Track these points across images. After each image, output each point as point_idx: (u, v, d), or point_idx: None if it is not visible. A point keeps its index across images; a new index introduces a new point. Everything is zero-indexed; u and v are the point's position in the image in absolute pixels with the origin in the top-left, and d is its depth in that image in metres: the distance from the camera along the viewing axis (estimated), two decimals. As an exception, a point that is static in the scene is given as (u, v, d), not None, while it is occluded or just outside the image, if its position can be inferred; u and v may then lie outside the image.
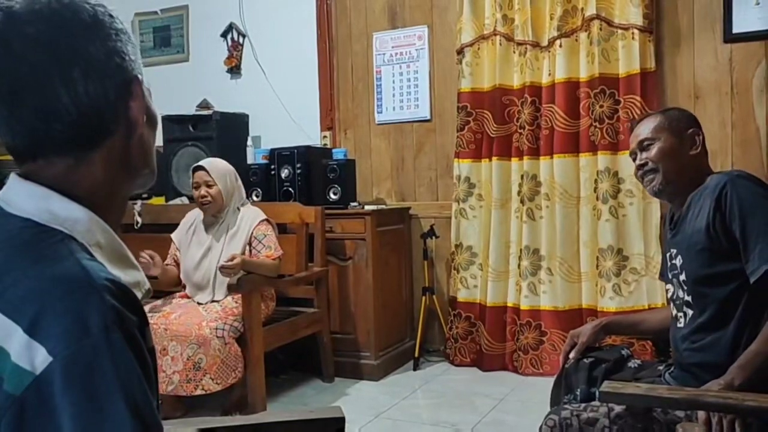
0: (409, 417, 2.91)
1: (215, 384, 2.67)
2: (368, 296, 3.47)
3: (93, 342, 0.64)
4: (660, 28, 3.29)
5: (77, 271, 0.68)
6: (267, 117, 4.17)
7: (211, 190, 2.96)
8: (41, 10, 0.72)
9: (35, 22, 0.72)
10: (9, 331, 0.64)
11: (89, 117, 0.75)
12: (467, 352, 3.60)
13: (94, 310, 0.65)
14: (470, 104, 3.56)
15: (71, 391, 0.63)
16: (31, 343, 0.63)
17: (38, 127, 0.73)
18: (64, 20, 0.73)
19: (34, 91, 0.72)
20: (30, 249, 0.70)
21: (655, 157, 1.71)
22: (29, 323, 0.64)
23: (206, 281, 2.98)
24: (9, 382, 0.63)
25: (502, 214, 3.52)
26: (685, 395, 1.37)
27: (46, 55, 0.72)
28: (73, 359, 0.63)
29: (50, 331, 0.64)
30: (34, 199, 0.74)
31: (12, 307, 0.65)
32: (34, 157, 0.75)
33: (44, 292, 0.66)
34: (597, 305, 3.29)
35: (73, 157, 0.75)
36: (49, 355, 0.63)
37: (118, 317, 0.67)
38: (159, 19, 4.63)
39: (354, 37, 4.04)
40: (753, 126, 3.15)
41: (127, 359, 0.66)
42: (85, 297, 0.66)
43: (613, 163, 3.26)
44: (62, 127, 0.73)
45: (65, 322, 0.64)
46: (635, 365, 1.82)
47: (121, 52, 0.77)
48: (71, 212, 0.75)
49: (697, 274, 1.63)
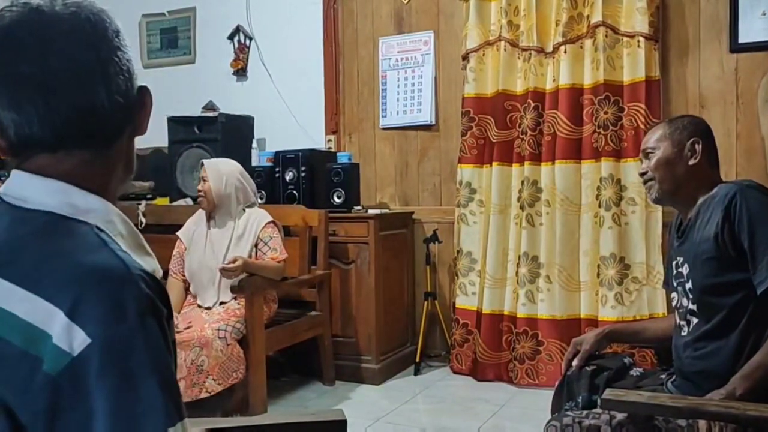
0: (409, 422, 2.91)
1: (217, 384, 2.67)
2: (370, 300, 3.47)
3: (130, 326, 0.69)
4: (666, 37, 3.30)
5: (114, 260, 0.73)
6: (272, 120, 4.18)
7: (204, 185, 3.02)
8: (79, 13, 0.78)
9: (74, 21, 0.77)
10: (51, 315, 0.68)
11: (117, 114, 0.81)
12: (464, 360, 3.55)
13: (130, 297, 0.70)
14: (473, 110, 3.56)
15: (108, 372, 0.67)
16: (70, 326, 0.67)
17: (72, 119, 0.77)
18: (99, 25, 0.80)
19: (75, 84, 0.76)
20: (64, 239, 0.74)
21: (653, 166, 1.74)
22: (70, 307, 0.68)
23: (211, 282, 2.99)
24: (48, 363, 0.67)
25: (501, 220, 3.50)
26: (687, 404, 1.37)
27: (88, 52, 0.77)
28: (111, 342, 0.68)
29: (89, 315, 0.68)
30: (54, 193, 0.77)
31: (53, 293, 0.69)
32: (54, 149, 0.78)
33: (84, 279, 0.70)
34: (597, 315, 3.25)
35: (90, 152, 0.80)
36: (87, 338, 0.67)
37: (152, 305, 0.72)
38: (166, 21, 4.65)
39: (360, 41, 4.06)
40: (758, 136, 3.15)
41: (160, 344, 0.71)
42: (122, 285, 0.71)
43: (616, 171, 3.25)
44: (95, 120, 0.79)
45: (104, 308, 0.69)
46: (637, 373, 1.82)
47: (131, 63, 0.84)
48: (92, 204, 0.79)
49: (703, 283, 1.63)
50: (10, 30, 0.76)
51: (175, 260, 3.09)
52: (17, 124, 0.76)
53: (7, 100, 0.76)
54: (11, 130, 0.77)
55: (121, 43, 0.81)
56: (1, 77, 0.76)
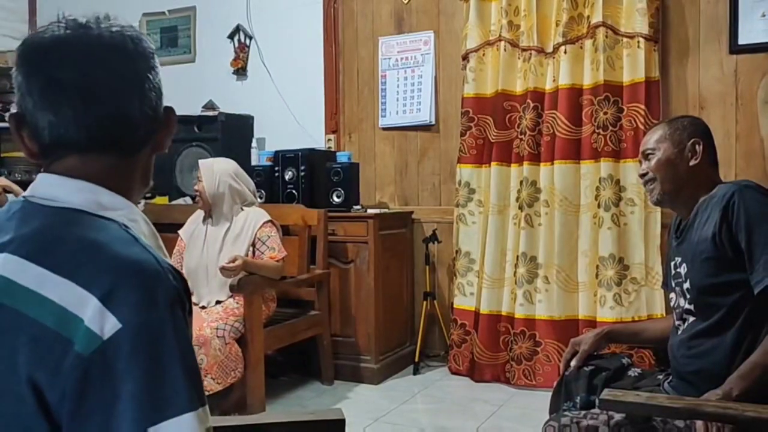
0: (408, 422, 2.91)
1: (216, 384, 2.67)
2: (369, 300, 3.47)
3: (160, 314, 0.74)
4: (666, 38, 3.30)
5: (146, 255, 0.78)
6: (272, 119, 4.18)
7: (198, 185, 3.07)
8: (122, 32, 0.86)
9: (118, 39, 0.85)
10: (84, 301, 0.72)
11: (146, 126, 0.87)
12: (461, 360, 3.55)
13: (162, 288, 0.75)
14: (472, 110, 3.56)
15: (137, 356, 0.71)
16: (103, 311, 0.72)
17: (106, 124, 0.83)
18: (139, 45, 0.87)
19: (113, 93, 0.84)
20: (96, 232, 0.79)
21: (654, 167, 1.74)
22: (103, 294, 0.72)
23: (208, 280, 2.99)
24: (79, 344, 0.71)
25: (500, 220, 3.49)
26: (685, 405, 1.37)
27: (128, 66, 0.85)
28: (142, 328, 0.72)
29: (122, 302, 0.72)
30: (83, 192, 0.82)
31: (88, 280, 0.73)
32: (84, 152, 0.83)
33: (119, 269, 0.74)
34: (596, 315, 3.24)
35: (115, 157, 0.86)
36: (118, 323, 0.71)
37: (180, 297, 0.77)
38: (166, 20, 4.65)
39: (360, 41, 4.06)
40: (757, 138, 3.15)
41: (186, 334, 0.76)
42: (154, 276, 0.76)
43: (615, 171, 3.25)
44: (126, 128, 0.85)
45: (136, 296, 0.73)
46: (635, 374, 1.82)
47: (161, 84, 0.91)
48: (118, 203, 0.84)
49: (701, 283, 1.63)
50: (58, 40, 0.83)
51: (175, 258, 3.10)
52: (53, 125, 0.82)
53: (47, 102, 0.81)
54: (46, 131, 0.82)
55: (155, 64, 0.89)
56: (45, 80, 0.81)
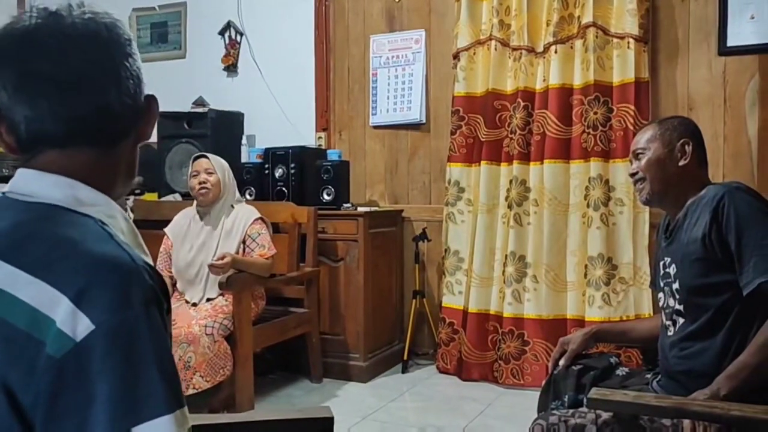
0: (396, 420, 2.92)
1: (204, 381, 2.66)
2: (359, 298, 3.47)
3: (135, 314, 0.71)
4: (655, 39, 3.31)
5: (121, 252, 0.75)
6: (262, 116, 4.17)
7: (210, 177, 3.00)
8: (95, 19, 0.84)
9: (91, 26, 0.83)
10: (56, 301, 0.70)
11: (125, 116, 0.85)
12: (449, 359, 3.55)
13: (136, 287, 0.73)
14: (463, 108, 3.57)
15: (111, 357, 0.69)
16: (75, 312, 0.69)
17: (84, 116, 0.81)
18: (113, 31, 0.85)
19: (89, 83, 0.81)
20: (70, 228, 0.76)
21: (644, 166, 1.75)
22: (76, 294, 0.70)
23: (199, 278, 2.98)
24: (51, 346, 0.68)
25: (489, 219, 3.50)
26: (672, 404, 1.38)
27: (102, 54, 0.82)
28: (116, 328, 0.70)
29: (95, 302, 0.70)
30: (60, 187, 0.80)
31: (60, 279, 0.71)
32: (63, 145, 0.81)
33: (92, 268, 0.72)
34: (584, 315, 3.25)
35: (96, 150, 0.83)
36: (91, 324, 0.69)
37: (156, 296, 0.75)
38: (156, 15, 4.62)
39: (351, 39, 4.05)
40: (744, 139, 3.17)
41: (162, 334, 0.74)
42: (129, 275, 0.73)
43: (604, 171, 3.26)
44: (105, 119, 0.83)
45: (111, 296, 0.71)
46: (623, 373, 1.84)
47: (141, 71, 0.88)
48: (96, 199, 0.82)
49: (690, 284, 1.64)
50: (29, 31, 0.80)
51: (162, 256, 3.08)
52: (29, 119, 0.79)
53: (22, 96, 0.79)
54: (23, 126, 0.80)
55: (132, 50, 0.86)
56: (19, 73, 0.79)
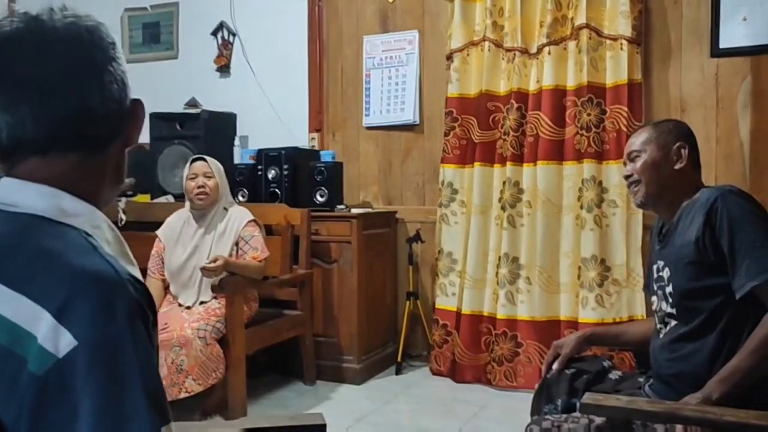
0: (390, 422, 2.91)
1: (197, 385, 2.65)
2: (352, 300, 3.46)
3: (119, 328, 0.70)
4: (648, 41, 3.32)
5: (104, 264, 0.74)
6: (255, 117, 4.15)
7: (209, 182, 2.99)
8: (77, 23, 0.82)
9: (73, 30, 0.81)
10: (37, 316, 0.68)
11: (110, 120, 0.83)
12: (443, 361, 3.54)
13: (120, 300, 0.71)
14: (456, 110, 3.56)
15: (95, 373, 0.67)
16: (57, 327, 0.68)
17: (66, 120, 0.79)
18: (95, 35, 0.83)
19: (70, 86, 0.79)
20: (53, 240, 0.74)
21: (639, 169, 1.75)
22: (58, 308, 0.68)
23: (192, 281, 2.96)
24: (33, 363, 0.67)
25: (482, 221, 3.49)
26: (664, 409, 1.38)
27: (84, 58, 0.81)
28: (99, 343, 0.68)
29: (78, 316, 0.68)
30: (44, 197, 0.78)
31: (41, 294, 0.70)
32: (45, 152, 0.79)
33: (74, 281, 0.70)
34: (577, 316, 3.25)
35: (80, 156, 0.81)
36: (74, 340, 0.67)
37: (140, 309, 0.73)
38: (148, 15, 4.60)
39: (345, 39, 4.04)
40: (737, 140, 3.18)
41: (147, 347, 0.73)
42: (112, 288, 0.72)
43: (598, 172, 3.27)
44: (88, 123, 0.81)
45: (93, 310, 0.69)
46: (616, 377, 1.83)
47: (126, 75, 0.86)
48: (80, 209, 0.80)
49: (684, 287, 1.64)
50: (9, 36, 0.79)
51: (154, 259, 3.06)
52: (10, 125, 0.78)
53: (2, 102, 0.78)
54: (4, 132, 0.78)
55: (116, 54, 0.84)
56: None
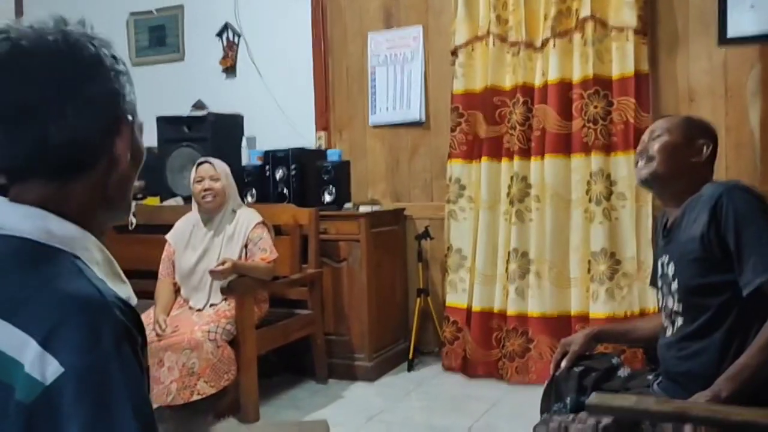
0: (402, 420, 2.92)
1: (209, 387, 2.66)
2: (362, 298, 3.46)
3: (105, 353, 0.69)
4: (655, 31, 3.28)
5: (90, 289, 0.73)
6: (262, 118, 4.15)
7: (215, 184, 2.99)
8: (48, 46, 0.78)
9: (41, 56, 0.77)
10: (24, 344, 0.68)
11: (72, 149, 0.79)
12: (454, 357, 3.53)
13: (106, 324, 0.71)
14: (462, 105, 3.54)
15: (83, 399, 0.67)
16: (44, 355, 0.67)
17: (32, 151, 0.77)
18: (67, 58, 0.78)
19: (32, 117, 0.76)
20: (39, 266, 0.74)
21: (657, 147, 1.72)
22: (44, 336, 0.68)
23: (203, 284, 2.98)
24: (20, 392, 0.67)
25: (491, 216, 3.47)
26: (673, 408, 1.37)
27: (47, 87, 0.77)
28: (86, 369, 0.68)
29: (64, 344, 0.68)
30: (30, 219, 0.77)
31: (27, 321, 0.69)
32: (24, 179, 0.79)
33: (60, 308, 0.70)
34: (588, 311, 3.23)
35: (61, 179, 0.80)
36: (60, 367, 0.67)
37: (127, 332, 0.73)
38: (154, 19, 4.61)
39: (349, 37, 4.03)
40: (747, 129, 3.14)
41: (135, 371, 0.72)
42: (99, 313, 0.71)
43: (606, 165, 3.24)
44: (49, 153, 0.78)
45: (80, 336, 0.69)
46: (625, 374, 1.82)
47: (116, 92, 0.82)
48: (68, 231, 0.79)
49: (689, 284, 1.62)
50: None
51: (165, 264, 3.08)
52: None
53: None
54: None
55: (96, 72, 0.80)
56: None
